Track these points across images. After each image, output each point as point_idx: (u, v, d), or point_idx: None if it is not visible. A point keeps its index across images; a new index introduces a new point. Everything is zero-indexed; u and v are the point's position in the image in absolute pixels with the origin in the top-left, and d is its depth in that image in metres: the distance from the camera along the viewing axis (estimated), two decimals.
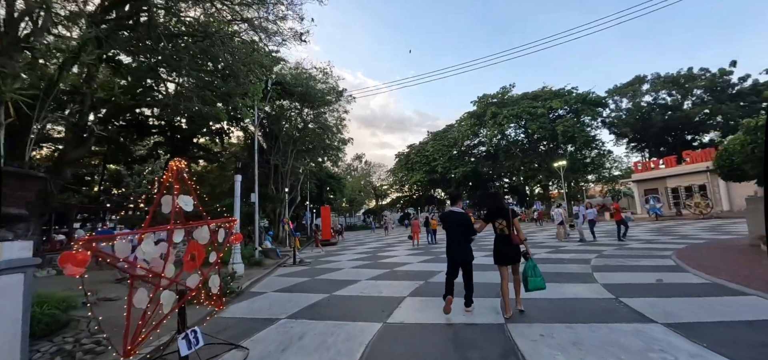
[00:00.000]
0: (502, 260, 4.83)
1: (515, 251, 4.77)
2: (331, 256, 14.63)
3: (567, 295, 5.66)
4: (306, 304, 6.15)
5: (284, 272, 10.79)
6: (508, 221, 4.77)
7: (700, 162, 30.28)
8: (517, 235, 4.74)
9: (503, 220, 4.79)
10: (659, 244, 11.81)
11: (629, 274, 7.04)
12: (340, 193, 44.34)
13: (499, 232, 4.82)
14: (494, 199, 6.22)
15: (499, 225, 4.82)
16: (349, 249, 18.19)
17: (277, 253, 15.51)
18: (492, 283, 6.96)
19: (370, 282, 7.94)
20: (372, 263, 11.50)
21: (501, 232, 4.81)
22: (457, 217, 4.99)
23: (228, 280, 7.76)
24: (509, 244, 4.75)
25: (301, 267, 11.81)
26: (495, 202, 5.67)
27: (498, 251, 4.86)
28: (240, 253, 10.33)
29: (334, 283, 8.17)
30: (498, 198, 6.18)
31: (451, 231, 4.99)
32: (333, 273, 9.84)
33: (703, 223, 20.61)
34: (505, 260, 4.82)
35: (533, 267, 4.73)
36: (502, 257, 4.83)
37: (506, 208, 5.02)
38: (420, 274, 8.52)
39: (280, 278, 9.61)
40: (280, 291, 7.62)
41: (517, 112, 41.66)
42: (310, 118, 24.64)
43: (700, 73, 41.24)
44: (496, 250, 4.88)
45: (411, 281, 7.63)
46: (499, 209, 5.00)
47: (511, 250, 4.76)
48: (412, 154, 56.96)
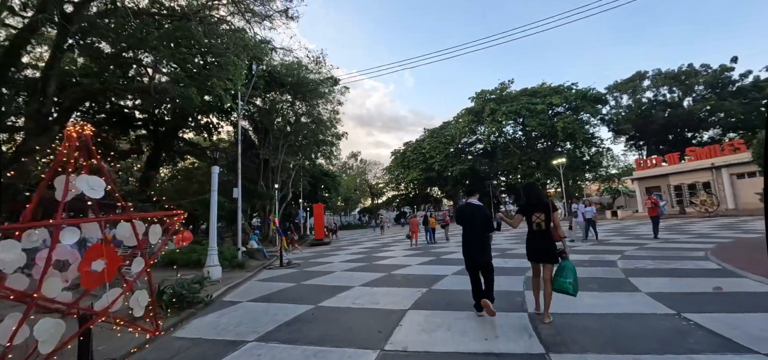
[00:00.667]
0: (535, 257, 4.39)
1: (551, 249, 4.26)
2: (322, 258, 13.43)
3: (612, 309, 4.53)
4: (284, 318, 4.97)
5: (268, 276, 9.58)
6: (547, 215, 4.30)
7: (705, 159, 29.47)
8: (556, 231, 4.28)
9: (542, 214, 4.33)
10: (680, 244, 10.77)
11: (673, 281, 5.93)
12: (335, 191, 43.09)
13: (536, 226, 4.35)
14: (531, 189, 5.15)
15: (537, 218, 4.35)
16: (342, 249, 17.00)
17: (265, 253, 14.27)
18: (512, 290, 5.85)
19: (364, 289, 6.77)
20: (367, 265, 10.33)
21: (537, 227, 4.35)
22: (474, 211, 4.62)
23: (195, 287, 6.54)
24: (545, 240, 4.29)
25: (288, 270, 10.60)
26: (532, 194, 4.68)
27: (532, 247, 4.41)
28: (216, 255, 9.09)
29: (322, 289, 6.99)
30: (535, 189, 5.13)
31: (468, 226, 4.59)
32: (323, 277, 8.65)
33: (713, 222, 19.69)
34: (538, 257, 4.37)
35: (571, 269, 4.18)
36: (536, 254, 4.38)
37: (545, 200, 4.51)
38: (422, 280, 7.36)
39: (261, 283, 8.40)
40: (258, 300, 6.42)
41: (516, 108, 40.63)
42: (303, 111, 23.39)
43: (700, 70, 40.52)
44: (530, 245, 4.43)
45: (412, 288, 6.47)
46: (537, 201, 4.49)
47: (547, 247, 4.27)
48: (408, 151, 55.80)
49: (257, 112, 23.75)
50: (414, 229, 16.34)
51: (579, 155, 41.61)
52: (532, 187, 5.13)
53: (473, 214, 4.63)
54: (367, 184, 64.41)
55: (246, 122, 25.67)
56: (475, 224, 4.58)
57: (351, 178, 60.72)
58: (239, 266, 11.18)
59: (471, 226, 4.60)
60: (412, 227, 16.46)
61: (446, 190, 57.63)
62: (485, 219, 4.62)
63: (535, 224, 4.39)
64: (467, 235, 4.65)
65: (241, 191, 11.76)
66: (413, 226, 16.47)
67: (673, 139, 42.42)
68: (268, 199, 20.33)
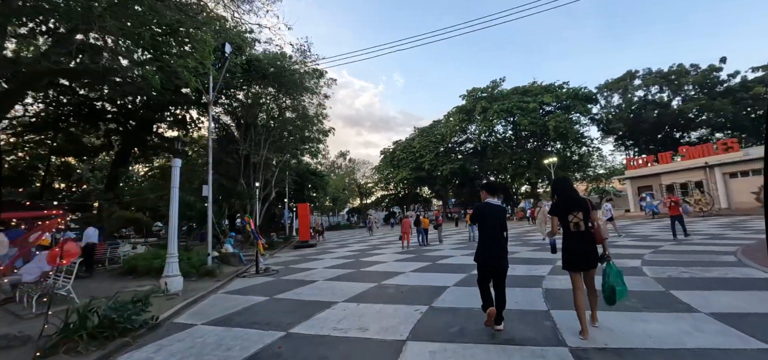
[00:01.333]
0: (577, 264, 3.76)
1: (595, 252, 3.74)
2: (305, 263, 12.12)
3: (682, 341, 3.39)
4: (240, 355, 3.71)
5: (240, 286, 8.25)
6: (585, 214, 3.74)
7: (698, 158, 29.19)
8: (598, 232, 3.76)
9: (580, 213, 3.75)
10: (696, 245, 9.85)
11: (730, 295, 4.86)
12: (322, 190, 41.63)
13: (574, 228, 3.74)
14: (565, 185, 4.13)
15: (575, 218, 3.75)
16: (328, 252, 15.69)
17: (241, 258, 12.87)
18: (535, 308, 4.69)
19: (349, 306, 5.53)
20: (353, 273, 9.08)
21: (575, 229, 3.75)
22: (494, 211, 4.14)
23: (134, 308, 5.20)
24: (586, 242, 3.72)
25: (263, 278, 9.27)
26: (567, 191, 4.04)
27: (571, 252, 3.76)
28: (176, 263, 7.70)
29: (298, 307, 5.72)
30: (569, 184, 4.14)
31: (487, 227, 4.09)
32: (302, 288, 7.37)
33: (711, 221, 19.04)
34: (580, 264, 3.75)
35: (618, 272, 3.75)
36: (578, 260, 3.74)
37: (582, 197, 3.98)
38: (420, 293, 6.16)
39: (228, 297, 7.07)
40: (216, 322, 5.12)
41: (507, 106, 39.96)
42: (287, 105, 21.92)
43: (690, 69, 40.59)
44: (569, 250, 3.77)
45: (409, 306, 5.26)
46: (574, 200, 3.90)
47: (590, 250, 3.72)
48: (398, 150, 54.70)
49: (240, 106, 22.24)
50: (406, 231, 15.15)
51: (569, 155, 41.27)
52: (565, 183, 4.24)
53: (492, 215, 4.10)
54: (356, 184, 63.02)
55: (228, 118, 24.14)
56: (494, 225, 4.05)
57: (339, 177, 59.24)
58: (209, 274, 9.80)
59: (491, 229, 4.06)
60: (404, 228, 15.26)
61: (435, 190, 56.75)
62: (504, 222, 4.16)
63: (572, 225, 3.76)
64: (485, 235, 4.12)
65: (211, 189, 10.35)
66: (405, 228, 15.26)
67: (662, 138, 42.42)
68: (248, 198, 18.81)
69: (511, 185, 50.77)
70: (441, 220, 18.16)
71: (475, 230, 17.18)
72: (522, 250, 11.28)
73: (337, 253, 15.08)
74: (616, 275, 3.71)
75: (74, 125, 22.13)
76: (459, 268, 8.54)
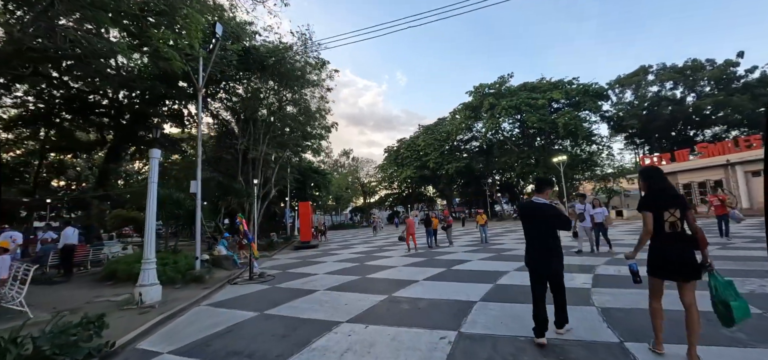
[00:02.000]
0: (669, 273, 3.01)
1: (691, 259, 2.94)
2: (305, 267, 11.04)
3: None
4: None
5: (228, 295, 7.18)
6: (683, 212, 3.02)
7: (718, 155, 27.86)
8: (701, 234, 2.98)
9: (677, 210, 3.02)
10: (747, 249, 8.68)
11: None
12: (325, 189, 40.54)
13: (670, 227, 3.01)
14: (657, 175, 3.13)
15: (671, 216, 3.01)
16: (330, 254, 14.61)
17: (235, 261, 11.83)
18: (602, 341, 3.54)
19: (355, 329, 4.43)
20: (359, 281, 7.99)
21: (671, 229, 3.01)
22: (540, 212, 3.65)
23: (90, 327, 4.14)
24: (685, 243, 2.99)
25: (256, 285, 8.19)
26: (660, 181, 3.21)
27: (663, 257, 3.03)
28: (154, 269, 6.63)
29: (292, 327, 4.64)
30: (662, 175, 3.16)
31: (532, 231, 3.70)
32: (299, 300, 6.29)
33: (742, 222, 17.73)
34: (673, 273, 2.99)
35: (727, 283, 2.88)
36: (670, 268, 2.99)
37: (678, 192, 3.24)
38: (441, 310, 5.06)
39: (212, 311, 6.00)
40: (186, 352, 4.05)
41: (515, 103, 38.69)
42: (288, 98, 20.83)
43: (706, 64, 39.15)
44: (660, 255, 3.04)
45: (431, 332, 4.14)
46: (669, 193, 3.14)
47: (690, 255, 2.95)
48: (402, 148, 53.50)
49: (240, 101, 21.23)
50: (411, 231, 13.99)
51: (579, 153, 39.92)
52: (657, 173, 3.31)
53: (538, 215, 3.67)
54: (360, 183, 61.98)
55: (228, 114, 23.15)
56: (539, 228, 3.67)
57: (343, 176, 58.22)
58: (196, 280, 8.74)
59: (537, 230, 3.68)
60: (409, 229, 14.09)
61: (439, 189, 55.50)
62: (556, 217, 3.62)
63: (668, 224, 3.04)
64: (529, 240, 3.75)
65: (200, 184, 9.28)
66: (410, 228, 14.09)
67: (676, 136, 41.05)
68: (245, 196, 17.76)
69: (517, 184, 49.48)
70: (451, 220, 17.01)
71: (487, 231, 16.06)
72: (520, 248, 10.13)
73: (341, 255, 13.99)
74: (726, 287, 2.88)
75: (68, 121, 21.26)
76: (481, 276, 7.41)
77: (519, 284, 6.14)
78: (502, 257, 10.21)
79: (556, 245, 3.66)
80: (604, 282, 6.08)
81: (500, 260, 9.60)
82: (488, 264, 9.05)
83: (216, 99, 22.04)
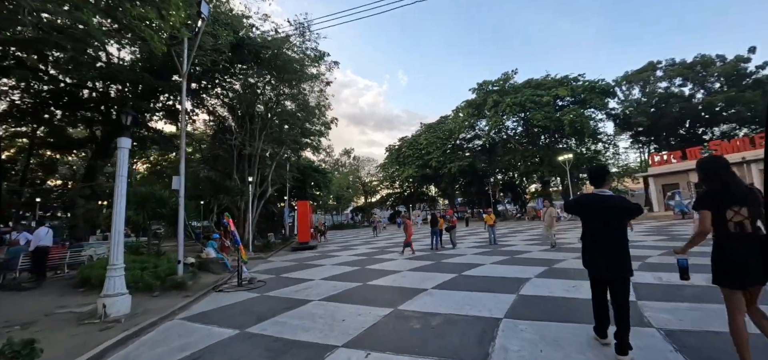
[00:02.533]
0: (742, 280, 2.48)
1: (761, 262, 2.42)
2: (301, 270, 10.13)
3: None
4: None
5: (209, 306, 6.28)
6: (755, 210, 2.46)
7: (732, 153, 26.86)
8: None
9: (744, 208, 2.47)
10: None
11: None
12: (325, 188, 39.61)
13: (736, 227, 2.47)
14: (719, 168, 2.32)
15: (736, 216, 2.48)
16: (329, 256, 13.69)
17: (226, 264, 10.94)
18: None
19: (355, 356, 3.51)
20: (359, 288, 7.07)
21: (738, 229, 2.47)
22: (603, 205, 3.15)
23: (18, 357, 3.24)
24: (752, 248, 2.44)
25: (245, 293, 7.28)
26: (724, 175, 2.61)
27: (731, 262, 2.49)
28: (121, 277, 5.73)
29: (278, 353, 3.73)
30: (726, 167, 2.36)
31: (591, 227, 3.21)
32: (289, 313, 5.38)
33: None
34: (746, 279, 2.47)
35: None
36: (742, 274, 2.46)
37: (747, 187, 2.63)
38: (460, 331, 4.13)
39: (185, 326, 5.10)
40: None
41: (520, 100, 37.75)
42: (286, 93, 19.93)
43: (716, 60, 38.11)
44: (728, 259, 2.51)
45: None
46: (735, 188, 2.55)
47: (758, 258, 2.42)
48: (403, 147, 52.57)
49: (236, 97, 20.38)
50: (410, 233, 13.11)
51: (584, 152, 38.97)
52: (719, 164, 2.71)
53: (600, 209, 3.15)
54: (361, 182, 61.08)
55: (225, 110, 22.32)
56: (606, 221, 3.13)
57: (343, 175, 57.31)
58: (177, 287, 7.83)
59: (600, 225, 3.16)
60: (408, 231, 13.19)
61: (441, 188, 54.53)
62: (624, 209, 3.15)
63: (733, 224, 2.51)
64: (588, 237, 3.25)
65: (183, 180, 8.38)
66: (409, 230, 13.22)
67: (684, 134, 40.02)
68: (239, 194, 16.84)
69: (520, 183, 48.50)
70: (455, 220, 16.07)
71: (495, 231, 15.11)
72: (567, 258, 9.19)
73: (340, 257, 13.08)
74: None
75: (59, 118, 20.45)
76: (499, 284, 6.48)
77: (547, 296, 5.21)
78: (517, 261, 9.28)
79: (625, 247, 3.10)
80: (648, 293, 5.15)
81: (516, 265, 8.67)
82: (504, 269, 8.12)
83: (212, 94, 21.23)
